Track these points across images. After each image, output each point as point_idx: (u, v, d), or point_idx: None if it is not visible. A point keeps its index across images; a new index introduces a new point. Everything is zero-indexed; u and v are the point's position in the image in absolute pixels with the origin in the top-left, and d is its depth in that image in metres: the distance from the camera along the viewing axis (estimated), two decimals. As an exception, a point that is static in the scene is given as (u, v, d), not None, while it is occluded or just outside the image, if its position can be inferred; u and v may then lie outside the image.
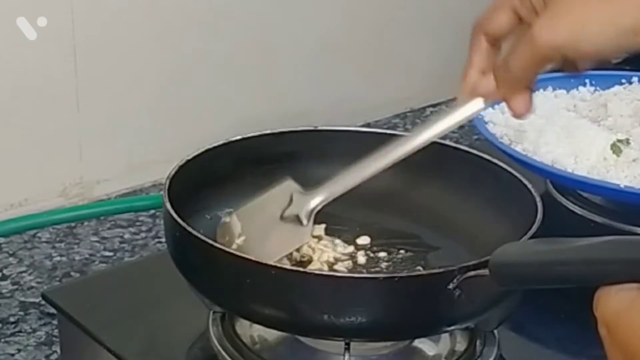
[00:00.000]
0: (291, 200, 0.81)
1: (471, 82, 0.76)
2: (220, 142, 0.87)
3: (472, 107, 0.77)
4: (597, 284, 0.55)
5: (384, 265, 0.85)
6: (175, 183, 0.81)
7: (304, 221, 0.80)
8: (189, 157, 0.84)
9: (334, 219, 0.89)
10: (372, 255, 0.86)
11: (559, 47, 0.69)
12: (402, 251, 0.86)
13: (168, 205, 0.77)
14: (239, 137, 0.88)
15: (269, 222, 0.82)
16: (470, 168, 0.88)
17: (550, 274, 0.59)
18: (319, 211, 0.81)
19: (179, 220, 0.75)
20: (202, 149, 0.86)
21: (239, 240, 0.81)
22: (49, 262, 1.06)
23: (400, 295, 0.71)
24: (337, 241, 0.87)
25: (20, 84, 1.09)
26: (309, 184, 0.82)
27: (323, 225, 0.87)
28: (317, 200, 0.81)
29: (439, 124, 0.78)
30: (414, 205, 0.90)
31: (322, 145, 0.91)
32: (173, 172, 0.82)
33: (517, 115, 0.75)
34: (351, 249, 0.87)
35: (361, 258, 0.86)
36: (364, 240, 0.88)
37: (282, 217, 0.81)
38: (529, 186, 0.83)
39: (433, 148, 0.82)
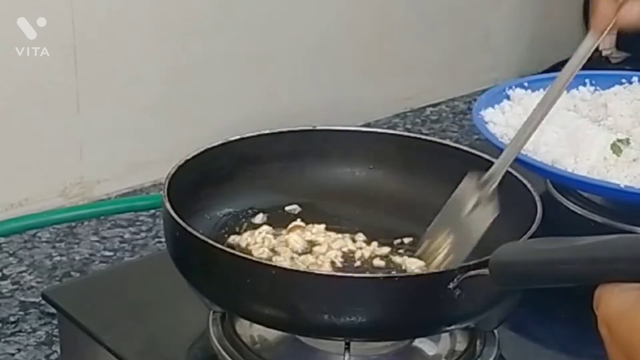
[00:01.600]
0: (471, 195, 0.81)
1: (605, 14, 0.76)
2: (219, 142, 0.87)
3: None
4: (601, 282, 0.54)
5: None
6: (175, 183, 0.81)
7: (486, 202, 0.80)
8: (188, 157, 0.84)
9: (333, 219, 0.89)
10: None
11: None
12: (400, 250, 0.86)
13: (168, 205, 0.77)
14: (237, 137, 0.88)
15: (461, 224, 0.81)
16: (468, 168, 0.88)
17: (553, 273, 0.59)
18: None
19: (178, 220, 0.75)
20: (201, 149, 0.86)
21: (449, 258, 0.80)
22: (49, 261, 1.06)
23: (401, 295, 0.71)
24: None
25: (20, 84, 1.09)
26: (308, 184, 0.82)
27: (322, 225, 0.87)
28: (490, 182, 0.81)
29: (578, 56, 0.80)
30: (412, 205, 0.89)
31: (321, 145, 0.91)
32: (172, 172, 0.82)
33: (632, 24, 0.76)
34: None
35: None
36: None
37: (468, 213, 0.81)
38: (529, 186, 0.83)
39: (432, 147, 0.82)
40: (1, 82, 1.08)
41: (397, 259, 0.85)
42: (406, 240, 0.87)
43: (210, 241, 0.74)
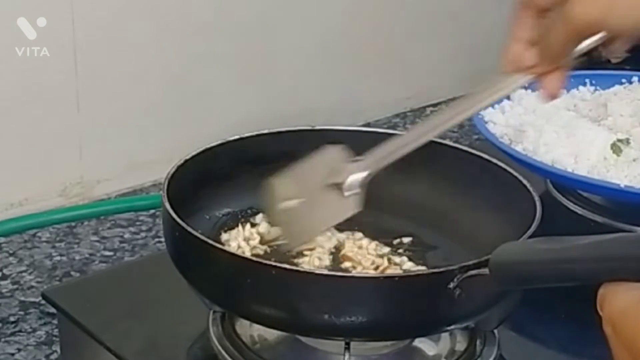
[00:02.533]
0: (335, 168, 0.79)
1: (514, 55, 0.75)
2: (218, 142, 0.87)
3: (512, 83, 0.76)
4: (604, 280, 0.54)
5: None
6: (174, 183, 0.81)
7: (346, 192, 0.78)
8: (187, 157, 0.84)
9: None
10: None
11: (591, 24, 0.70)
12: (400, 250, 0.86)
13: (167, 206, 0.77)
14: (236, 137, 0.88)
15: (314, 190, 0.79)
16: (468, 167, 0.88)
17: (555, 272, 0.59)
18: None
19: (178, 220, 0.75)
20: (201, 149, 0.86)
21: (283, 205, 0.79)
22: (49, 261, 1.06)
23: (401, 295, 0.71)
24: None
25: (20, 83, 1.09)
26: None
27: None
28: (363, 171, 0.78)
29: (480, 97, 0.78)
30: (411, 204, 0.89)
31: (320, 145, 0.91)
32: (172, 172, 0.82)
33: (549, 95, 0.75)
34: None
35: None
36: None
37: (327, 186, 0.78)
38: (528, 185, 0.83)
39: (432, 147, 0.82)
40: (1, 82, 1.08)
41: (396, 258, 0.85)
42: (405, 240, 0.87)
43: (210, 241, 0.74)
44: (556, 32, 0.72)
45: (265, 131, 0.89)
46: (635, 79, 1.18)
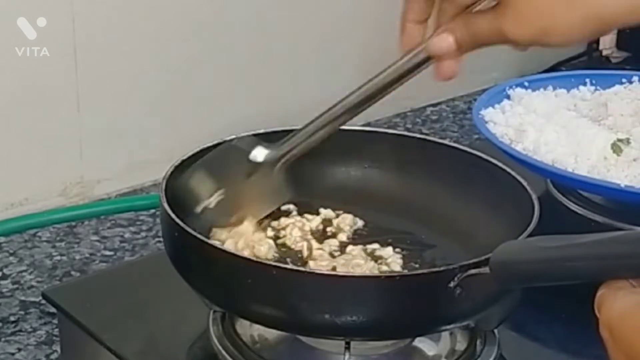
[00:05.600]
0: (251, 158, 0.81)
1: (411, 35, 0.75)
2: (215, 142, 0.87)
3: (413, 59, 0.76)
4: (607, 279, 0.54)
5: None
6: (172, 183, 0.80)
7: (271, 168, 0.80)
8: (185, 157, 0.84)
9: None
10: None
11: (529, 41, 0.70)
12: (397, 249, 0.86)
13: (166, 206, 0.76)
14: (233, 137, 0.88)
15: (238, 182, 0.81)
16: (466, 167, 0.88)
17: (556, 270, 0.59)
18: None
19: (177, 220, 0.75)
20: (197, 149, 0.85)
21: (212, 200, 0.80)
22: (49, 261, 1.06)
23: (401, 294, 0.71)
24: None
25: (20, 83, 1.09)
26: (303, 183, 0.82)
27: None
28: (281, 149, 0.80)
29: (386, 76, 0.79)
30: (408, 203, 0.89)
31: (317, 144, 0.91)
32: (169, 173, 0.82)
33: (443, 78, 0.75)
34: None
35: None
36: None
37: (248, 176, 0.81)
38: (525, 184, 0.82)
39: (431, 146, 0.82)
40: (1, 82, 1.08)
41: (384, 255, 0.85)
42: (403, 238, 0.87)
43: (210, 241, 0.74)
44: (484, 31, 0.71)
45: (261, 131, 0.89)
46: (635, 78, 1.17)
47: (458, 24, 0.72)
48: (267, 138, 0.85)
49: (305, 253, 0.83)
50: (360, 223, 0.88)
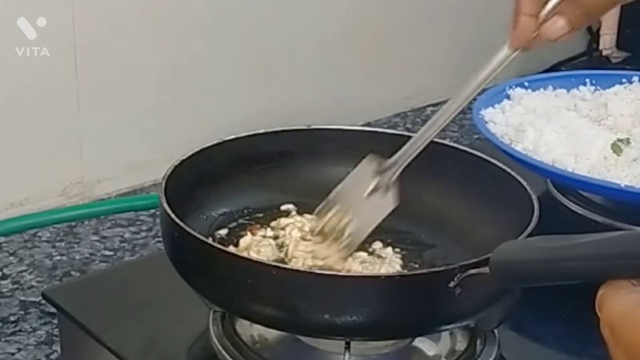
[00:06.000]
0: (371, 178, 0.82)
1: (526, 28, 0.76)
2: (215, 142, 0.87)
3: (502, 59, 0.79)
4: (607, 279, 0.54)
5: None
6: (172, 183, 0.80)
7: (384, 190, 0.81)
8: (184, 157, 0.84)
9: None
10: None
11: None
12: (397, 249, 0.86)
13: (166, 206, 0.76)
14: (233, 137, 0.88)
15: (359, 203, 0.82)
16: (465, 167, 0.88)
17: (556, 270, 0.59)
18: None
19: (177, 221, 0.75)
20: (197, 149, 0.85)
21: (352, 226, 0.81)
22: (49, 261, 1.06)
23: (401, 294, 0.71)
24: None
25: (20, 83, 1.09)
26: (303, 183, 0.82)
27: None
28: (392, 169, 0.82)
29: (491, 67, 0.82)
30: (408, 203, 0.89)
31: (316, 144, 0.91)
32: (169, 173, 0.82)
33: (555, 39, 0.76)
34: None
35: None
36: None
37: (367, 196, 0.82)
38: (525, 184, 0.82)
39: (431, 147, 0.82)
40: (1, 82, 1.08)
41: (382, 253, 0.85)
42: (402, 238, 0.87)
43: (210, 242, 0.74)
44: (595, 6, 0.74)
45: (261, 131, 0.89)
46: (635, 78, 1.18)
47: (569, 6, 0.74)
48: (273, 139, 0.85)
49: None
50: None
